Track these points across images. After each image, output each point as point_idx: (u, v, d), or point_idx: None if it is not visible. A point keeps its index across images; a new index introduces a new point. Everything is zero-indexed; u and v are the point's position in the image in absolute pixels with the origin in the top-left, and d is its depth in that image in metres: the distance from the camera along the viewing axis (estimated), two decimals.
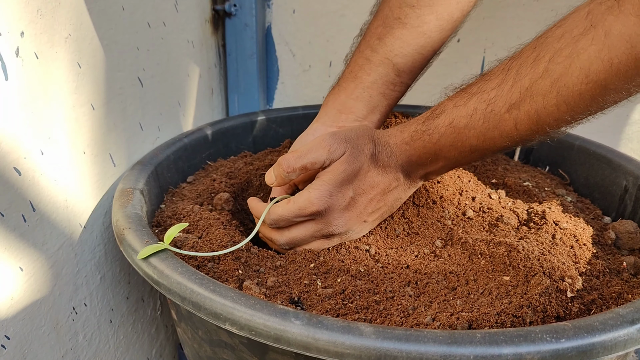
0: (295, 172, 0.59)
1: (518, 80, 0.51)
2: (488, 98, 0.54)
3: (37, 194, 0.57)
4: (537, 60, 0.50)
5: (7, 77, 0.51)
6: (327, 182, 0.58)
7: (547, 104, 0.50)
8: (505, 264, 0.57)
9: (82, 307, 0.66)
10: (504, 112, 0.53)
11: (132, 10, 0.72)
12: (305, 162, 0.59)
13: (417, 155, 0.60)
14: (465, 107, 0.56)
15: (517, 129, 0.53)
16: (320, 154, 0.58)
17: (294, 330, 0.43)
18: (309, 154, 0.59)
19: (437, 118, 0.58)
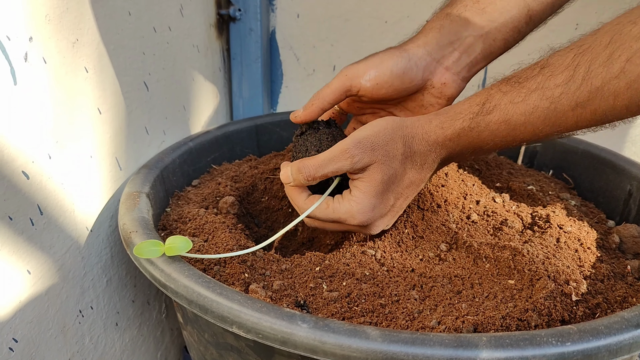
0: (315, 180, 0.58)
1: (588, 79, 0.48)
2: (552, 96, 0.50)
3: (45, 197, 0.57)
4: (612, 59, 0.46)
5: (15, 81, 0.51)
6: (369, 195, 0.57)
7: (617, 104, 0.47)
8: (510, 268, 0.57)
9: (88, 310, 0.67)
10: (568, 110, 0.50)
11: (138, 15, 0.72)
12: (327, 172, 0.57)
13: (460, 150, 0.58)
14: (525, 104, 0.52)
15: (577, 124, 0.51)
16: (342, 164, 0.56)
17: (300, 333, 0.43)
18: (330, 164, 0.56)
19: (488, 114, 0.54)
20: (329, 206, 0.59)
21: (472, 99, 0.57)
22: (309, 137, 0.63)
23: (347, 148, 0.55)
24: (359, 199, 0.57)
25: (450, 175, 0.72)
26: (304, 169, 0.58)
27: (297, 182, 0.59)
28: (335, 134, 0.63)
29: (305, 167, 0.58)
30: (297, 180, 0.59)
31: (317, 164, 0.57)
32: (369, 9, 1.04)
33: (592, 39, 0.49)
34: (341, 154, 0.56)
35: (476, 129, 0.55)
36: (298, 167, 0.58)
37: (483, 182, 0.76)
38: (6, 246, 0.52)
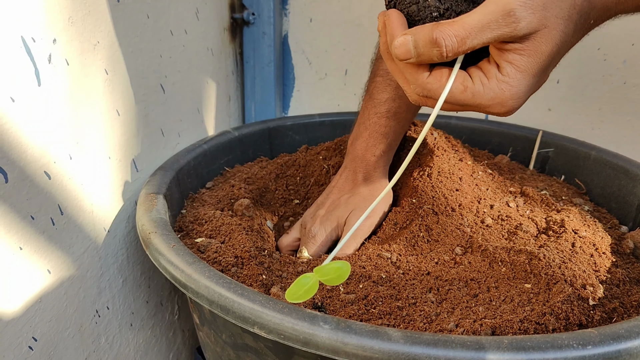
0: (457, 55, 0.41)
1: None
2: None
3: (65, 197, 0.58)
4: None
5: (40, 82, 0.52)
6: (529, 75, 0.42)
7: None
8: (527, 272, 0.57)
9: (104, 310, 0.67)
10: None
11: (156, 19, 0.73)
12: (476, 43, 0.40)
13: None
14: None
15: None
16: (502, 32, 0.40)
17: (322, 334, 0.43)
18: (484, 32, 0.40)
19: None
20: (466, 88, 0.43)
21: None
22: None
23: (511, 8, 0.39)
24: (514, 80, 0.42)
25: (465, 180, 0.73)
26: (442, 40, 0.40)
27: (427, 58, 0.42)
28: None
29: (447, 37, 0.40)
30: (426, 56, 0.41)
31: (465, 32, 0.40)
32: None
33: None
34: (502, 18, 0.39)
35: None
36: (431, 38, 0.40)
37: (496, 186, 0.76)
38: (28, 245, 0.53)
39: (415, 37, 0.41)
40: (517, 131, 0.93)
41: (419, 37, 0.41)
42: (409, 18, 0.44)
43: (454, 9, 0.42)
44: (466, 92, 0.42)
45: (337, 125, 1.00)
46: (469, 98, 0.43)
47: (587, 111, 0.99)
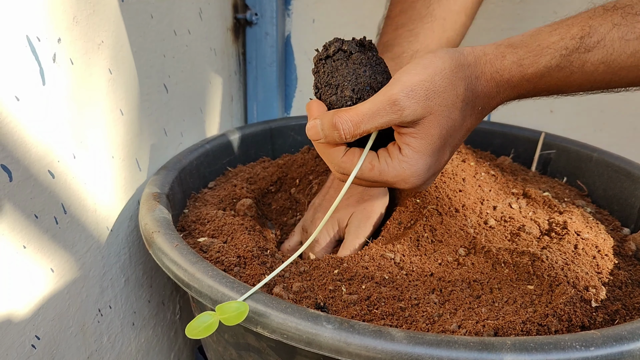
0: (355, 137, 0.47)
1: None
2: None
3: (69, 196, 0.58)
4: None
5: (44, 82, 0.52)
6: (425, 155, 0.47)
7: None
8: (529, 273, 0.58)
9: (107, 310, 0.67)
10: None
11: (159, 19, 0.73)
12: (369, 127, 0.46)
13: (535, 92, 0.49)
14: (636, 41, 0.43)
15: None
16: (390, 118, 0.45)
17: (325, 334, 0.44)
18: (375, 118, 0.45)
19: (588, 52, 0.44)
20: (374, 167, 0.48)
21: (563, 29, 0.46)
22: (339, 66, 0.49)
23: (396, 99, 0.45)
24: (412, 160, 0.47)
25: (468, 181, 0.73)
26: (340, 124, 0.46)
27: (330, 139, 0.48)
28: (373, 62, 0.49)
29: (343, 122, 0.46)
30: (330, 138, 0.47)
31: (357, 118, 0.45)
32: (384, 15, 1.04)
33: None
34: (389, 106, 0.45)
35: (567, 68, 0.45)
36: (332, 122, 0.46)
37: (499, 188, 0.76)
38: (32, 244, 0.53)
39: (321, 121, 0.48)
40: (519, 133, 0.93)
41: (324, 121, 0.47)
42: (330, 107, 0.50)
43: (366, 99, 0.48)
44: (374, 170, 0.48)
45: None
46: (376, 175, 0.48)
47: (589, 113, 0.99)
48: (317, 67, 0.52)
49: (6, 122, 0.48)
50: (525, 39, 0.47)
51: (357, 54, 0.49)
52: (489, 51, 0.47)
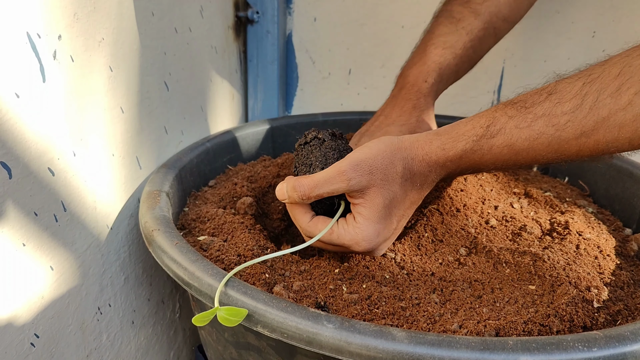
0: (310, 199, 0.57)
1: (595, 108, 0.48)
2: (558, 123, 0.51)
3: (69, 194, 0.57)
4: (620, 90, 0.47)
5: (44, 79, 0.52)
6: (373, 222, 0.56)
7: (620, 136, 0.48)
8: (531, 273, 0.57)
9: (106, 308, 0.67)
10: (572, 139, 0.50)
11: (160, 16, 0.73)
12: (322, 192, 0.56)
13: (460, 170, 0.58)
14: (530, 129, 0.52)
15: (578, 154, 0.51)
16: (338, 186, 0.55)
17: (326, 333, 0.43)
18: (326, 185, 0.55)
19: (492, 138, 0.54)
20: (333, 232, 0.57)
21: (475, 120, 0.56)
22: (314, 150, 0.60)
23: (343, 170, 0.54)
24: (363, 226, 0.56)
25: (469, 180, 0.72)
26: (299, 188, 0.56)
27: (292, 200, 0.57)
28: (341, 148, 0.61)
29: (301, 186, 0.56)
30: (292, 198, 0.57)
31: (313, 184, 0.56)
32: (386, 14, 1.04)
33: (600, 69, 0.49)
34: (337, 176, 0.55)
35: (479, 151, 0.55)
36: (293, 185, 0.57)
37: (500, 187, 0.76)
38: (31, 241, 0.53)
39: (287, 184, 0.58)
40: None
41: (288, 185, 0.57)
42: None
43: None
44: (333, 234, 0.57)
45: (340, 124, 0.99)
46: (335, 239, 0.57)
47: None
48: (297, 151, 0.62)
49: (6, 119, 0.47)
50: (448, 128, 0.57)
51: (328, 141, 0.60)
52: (421, 138, 0.57)
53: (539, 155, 0.53)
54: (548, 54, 0.99)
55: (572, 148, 0.51)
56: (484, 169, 0.57)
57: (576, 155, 0.51)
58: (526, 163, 0.55)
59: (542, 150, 0.52)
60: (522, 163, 0.55)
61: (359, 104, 1.12)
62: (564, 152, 0.52)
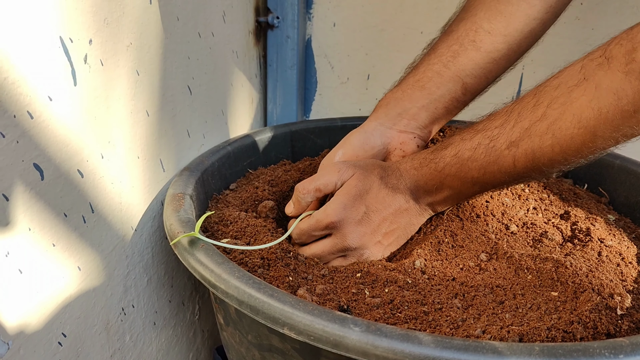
0: (310, 193, 0.66)
1: (519, 121, 0.57)
2: (491, 135, 0.59)
3: (96, 196, 0.58)
4: (537, 105, 0.56)
5: (75, 82, 0.53)
6: (341, 196, 0.64)
7: (542, 144, 0.55)
8: (553, 280, 0.57)
9: (130, 309, 0.68)
10: (504, 149, 0.58)
11: (185, 21, 0.74)
12: (318, 184, 0.66)
13: (424, 180, 0.65)
14: (471, 141, 0.61)
15: (515, 165, 0.58)
16: (331, 176, 0.65)
17: (353, 336, 0.44)
18: (321, 178, 0.66)
19: (444, 149, 0.63)
20: (310, 216, 0.66)
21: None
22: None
23: (335, 165, 0.66)
24: (332, 200, 0.65)
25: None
26: (299, 186, 0.67)
27: (296, 202, 0.68)
28: None
29: (300, 184, 0.67)
30: (296, 200, 0.68)
31: (310, 179, 0.67)
32: (405, 20, 1.05)
33: (526, 94, 0.59)
34: (330, 169, 0.66)
35: (434, 160, 0.64)
36: (295, 188, 0.68)
37: (520, 193, 0.76)
38: (61, 242, 0.54)
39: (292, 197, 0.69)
40: None
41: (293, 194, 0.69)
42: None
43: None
44: (310, 217, 0.66)
45: None
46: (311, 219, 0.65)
47: None
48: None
49: (40, 121, 0.48)
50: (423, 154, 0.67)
51: None
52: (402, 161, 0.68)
53: (481, 166, 0.60)
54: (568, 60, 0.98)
55: (507, 158, 0.58)
56: (443, 181, 0.64)
57: (513, 167, 0.58)
58: (475, 176, 0.61)
59: (482, 160, 0.60)
60: (472, 175, 0.61)
61: None
62: (502, 163, 0.59)
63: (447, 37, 0.76)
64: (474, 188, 0.63)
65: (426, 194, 0.66)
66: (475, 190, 0.64)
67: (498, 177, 0.60)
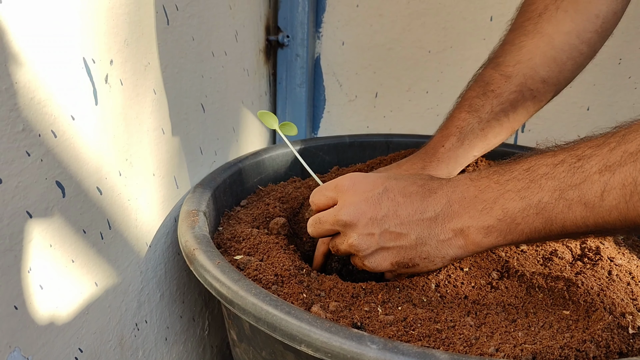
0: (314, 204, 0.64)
1: (623, 143, 0.44)
2: (582, 154, 0.46)
3: (114, 212, 0.59)
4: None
5: (97, 102, 0.54)
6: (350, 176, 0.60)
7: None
8: (565, 299, 0.58)
9: (143, 324, 0.68)
10: (594, 172, 0.44)
11: (200, 40, 0.75)
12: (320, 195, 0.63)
13: (475, 192, 0.53)
14: (553, 157, 0.49)
15: (603, 197, 0.44)
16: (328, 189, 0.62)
17: (370, 354, 0.44)
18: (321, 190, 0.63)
19: (516, 163, 0.52)
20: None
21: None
22: None
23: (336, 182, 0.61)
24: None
25: None
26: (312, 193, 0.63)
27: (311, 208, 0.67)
28: None
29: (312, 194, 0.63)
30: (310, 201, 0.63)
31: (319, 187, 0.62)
32: (413, 39, 1.06)
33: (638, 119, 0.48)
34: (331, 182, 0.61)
35: (498, 172, 0.54)
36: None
37: None
38: (80, 258, 0.54)
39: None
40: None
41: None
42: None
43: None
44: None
45: (366, 146, 1.01)
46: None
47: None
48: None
49: (62, 139, 0.50)
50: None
51: None
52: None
53: (557, 188, 0.47)
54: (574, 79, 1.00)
55: (595, 185, 0.45)
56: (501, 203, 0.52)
57: (600, 199, 0.44)
58: (546, 202, 0.49)
59: (561, 180, 0.47)
60: (542, 200, 0.49)
61: (384, 126, 1.14)
62: (587, 191, 0.45)
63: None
64: (536, 221, 0.48)
65: (468, 211, 0.52)
66: (536, 225, 0.48)
67: (575, 211, 0.45)
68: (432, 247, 0.56)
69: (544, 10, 0.71)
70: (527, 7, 0.73)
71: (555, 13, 0.70)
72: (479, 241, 0.53)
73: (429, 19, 1.04)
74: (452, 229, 0.54)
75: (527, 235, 0.50)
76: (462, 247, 0.55)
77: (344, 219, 0.57)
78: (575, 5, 0.70)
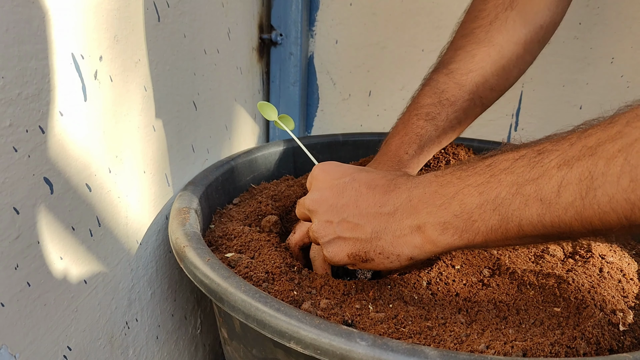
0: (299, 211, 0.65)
1: (583, 137, 0.42)
2: (542, 148, 0.45)
3: (103, 210, 0.59)
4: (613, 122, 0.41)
5: (86, 98, 0.54)
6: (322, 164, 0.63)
7: (608, 171, 0.39)
8: (556, 296, 0.58)
9: (133, 322, 0.68)
10: (553, 166, 0.43)
11: (192, 38, 0.75)
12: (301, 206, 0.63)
13: (435, 187, 0.51)
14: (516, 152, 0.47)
15: (559, 194, 0.42)
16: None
17: (359, 350, 0.44)
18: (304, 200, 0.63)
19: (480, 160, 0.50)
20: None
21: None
22: None
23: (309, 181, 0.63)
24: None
25: None
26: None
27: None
28: None
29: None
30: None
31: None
32: (407, 38, 1.06)
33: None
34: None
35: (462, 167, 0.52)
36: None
37: None
38: (68, 255, 0.54)
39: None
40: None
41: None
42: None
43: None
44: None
45: (359, 145, 1.01)
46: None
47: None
48: None
49: (51, 136, 0.49)
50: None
51: None
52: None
53: (514, 182, 0.45)
54: (567, 78, 1.00)
55: (552, 180, 0.43)
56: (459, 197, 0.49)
57: (557, 195, 0.42)
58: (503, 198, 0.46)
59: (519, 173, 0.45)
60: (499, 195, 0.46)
61: (378, 125, 1.14)
62: (543, 185, 0.43)
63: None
64: (492, 218, 0.46)
65: (427, 206, 0.50)
66: (492, 223, 0.46)
67: (531, 207, 0.43)
68: (387, 243, 0.54)
69: (495, 19, 0.73)
70: (478, 12, 0.75)
71: (505, 23, 0.73)
72: (435, 239, 0.51)
73: (422, 17, 1.04)
74: (408, 226, 0.52)
75: (484, 234, 0.47)
76: (419, 246, 0.52)
77: (307, 204, 0.59)
78: (523, 16, 0.73)
